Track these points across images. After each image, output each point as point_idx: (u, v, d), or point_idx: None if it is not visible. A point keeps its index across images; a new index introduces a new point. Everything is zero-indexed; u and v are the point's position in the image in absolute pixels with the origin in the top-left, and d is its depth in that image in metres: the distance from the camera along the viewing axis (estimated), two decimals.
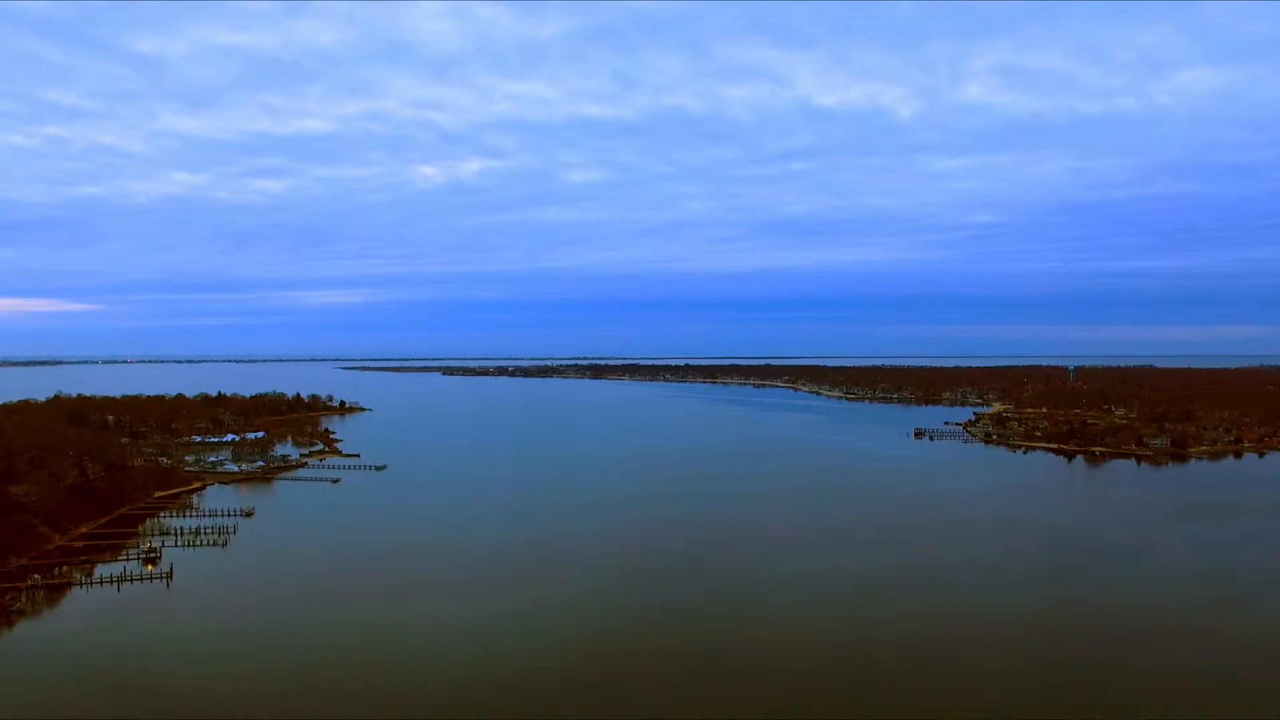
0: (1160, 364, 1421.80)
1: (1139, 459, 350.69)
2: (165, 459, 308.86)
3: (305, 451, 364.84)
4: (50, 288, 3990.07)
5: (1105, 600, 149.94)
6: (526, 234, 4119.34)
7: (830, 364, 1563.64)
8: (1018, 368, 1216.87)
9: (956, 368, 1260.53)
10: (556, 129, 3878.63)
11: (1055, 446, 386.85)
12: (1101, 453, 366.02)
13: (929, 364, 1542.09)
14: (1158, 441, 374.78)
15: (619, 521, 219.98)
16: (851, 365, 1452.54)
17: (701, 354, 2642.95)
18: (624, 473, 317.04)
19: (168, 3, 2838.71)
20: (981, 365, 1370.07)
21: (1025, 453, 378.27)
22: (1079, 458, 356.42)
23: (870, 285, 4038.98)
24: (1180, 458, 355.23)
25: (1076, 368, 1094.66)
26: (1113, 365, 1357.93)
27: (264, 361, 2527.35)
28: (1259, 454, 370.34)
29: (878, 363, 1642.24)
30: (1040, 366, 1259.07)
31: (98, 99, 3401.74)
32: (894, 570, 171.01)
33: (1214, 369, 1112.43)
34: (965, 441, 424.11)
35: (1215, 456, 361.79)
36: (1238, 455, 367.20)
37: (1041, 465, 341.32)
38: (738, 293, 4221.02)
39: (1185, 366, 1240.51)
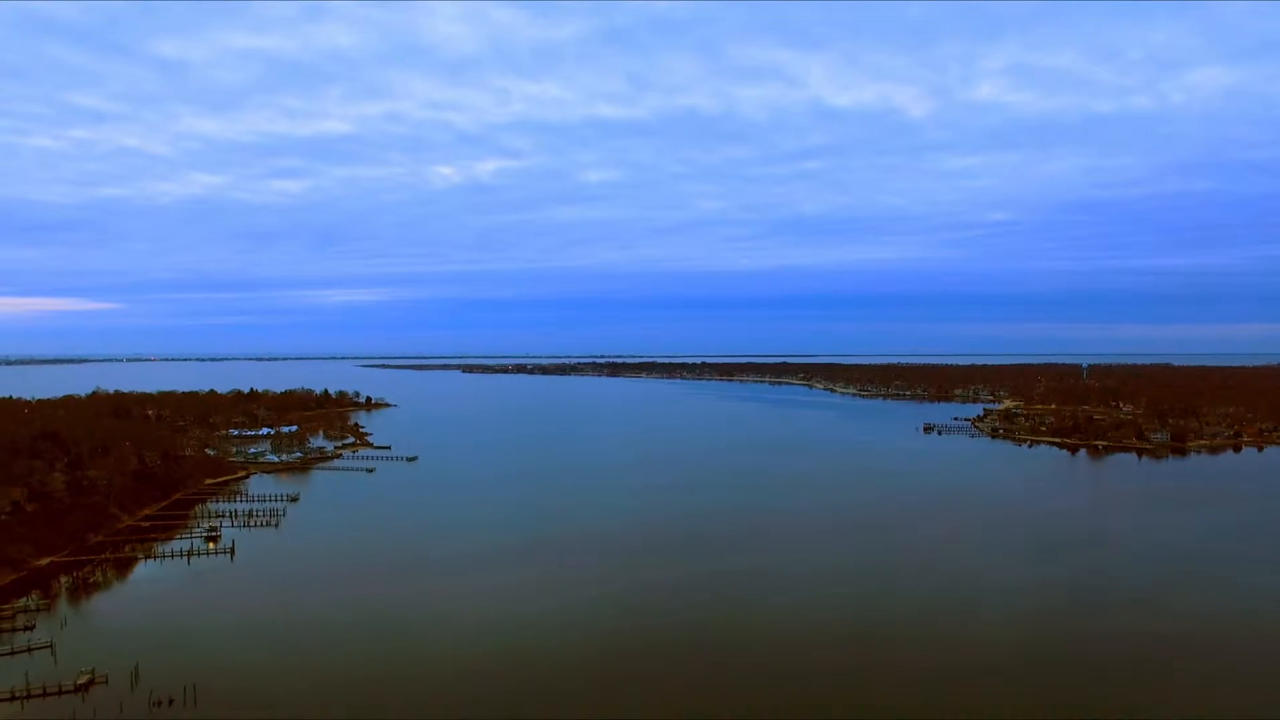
0: (1176, 362, 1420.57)
1: (1139, 453, 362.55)
2: (211, 450, 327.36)
3: (338, 444, 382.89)
4: (74, 287, 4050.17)
5: (1087, 582, 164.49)
6: (542, 233, 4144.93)
7: (845, 362, 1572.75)
8: (1032, 366, 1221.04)
9: (971, 366, 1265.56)
10: (572, 129, 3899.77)
11: (1059, 441, 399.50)
12: (1104, 447, 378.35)
13: (943, 362, 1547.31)
14: (1158, 436, 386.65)
15: (632, 516, 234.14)
16: (866, 363, 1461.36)
17: (717, 352, 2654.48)
18: (640, 468, 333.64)
19: (190, 6, 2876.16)
20: (996, 363, 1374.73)
21: (1030, 447, 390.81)
22: (1082, 451, 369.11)
23: (884, 284, 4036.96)
24: (1180, 452, 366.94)
25: (1090, 365, 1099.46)
26: (1127, 363, 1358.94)
27: (284, 360, 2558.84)
28: (1258, 448, 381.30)
29: (892, 361, 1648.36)
30: (1054, 365, 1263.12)
31: (122, 102, 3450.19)
32: (895, 558, 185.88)
33: (1229, 367, 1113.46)
34: (972, 436, 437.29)
35: (1214, 451, 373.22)
36: (1236, 450, 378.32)
37: (1043, 458, 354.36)
38: (753, 291, 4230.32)
39: (1200, 365, 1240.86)
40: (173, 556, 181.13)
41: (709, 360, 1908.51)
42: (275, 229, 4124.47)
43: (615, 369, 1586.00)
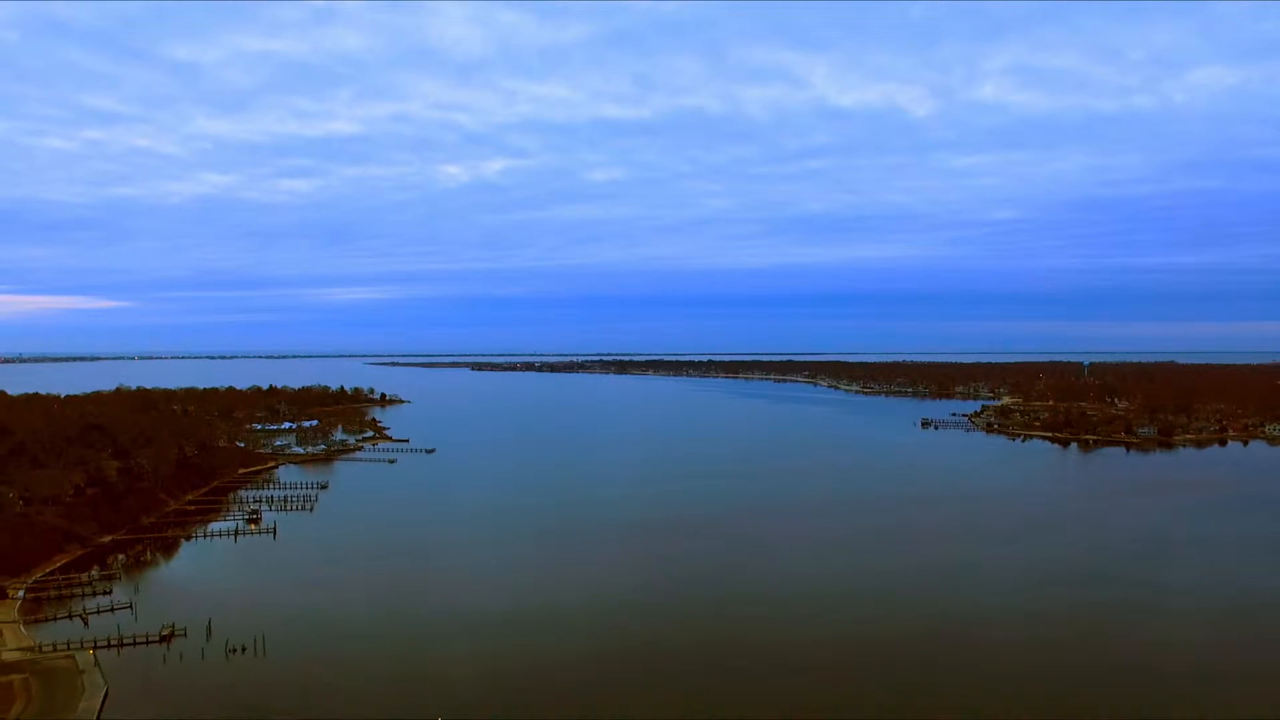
0: (1183, 360, 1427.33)
1: (1128, 447, 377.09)
2: (240, 442, 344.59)
3: (358, 437, 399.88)
4: (85, 285, 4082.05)
5: (1045, 557, 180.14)
6: (549, 231, 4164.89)
7: (850, 360, 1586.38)
8: (1034, 363, 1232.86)
9: (974, 363, 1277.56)
10: (578, 129, 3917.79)
11: (1051, 435, 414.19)
12: (1093, 441, 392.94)
13: (948, 360, 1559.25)
14: (1145, 430, 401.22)
15: (639, 509, 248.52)
16: (871, 361, 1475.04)
17: (723, 350, 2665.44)
18: (645, 463, 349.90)
19: (203, 9, 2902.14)
20: (1001, 361, 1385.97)
21: (1023, 441, 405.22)
22: (1073, 445, 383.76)
23: (890, 282, 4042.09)
24: (1167, 446, 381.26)
25: (1091, 364, 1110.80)
26: (1132, 361, 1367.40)
27: (294, 357, 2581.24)
28: (1243, 442, 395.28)
29: (897, 358, 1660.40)
30: (1057, 363, 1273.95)
31: (135, 104, 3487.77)
32: (887, 552, 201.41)
33: (1231, 364, 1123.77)
34: (968, 431, 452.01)
35: (1200, 444, 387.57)
36: (1222, 444, 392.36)
37: (1033, 451, 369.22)
38: (759, 289, 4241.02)
39: (1205, 363, 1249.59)
40: (220, 535, 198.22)
41: (715, 358, 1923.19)
42: (284, 228, 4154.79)
43: (622, 366, 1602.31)
